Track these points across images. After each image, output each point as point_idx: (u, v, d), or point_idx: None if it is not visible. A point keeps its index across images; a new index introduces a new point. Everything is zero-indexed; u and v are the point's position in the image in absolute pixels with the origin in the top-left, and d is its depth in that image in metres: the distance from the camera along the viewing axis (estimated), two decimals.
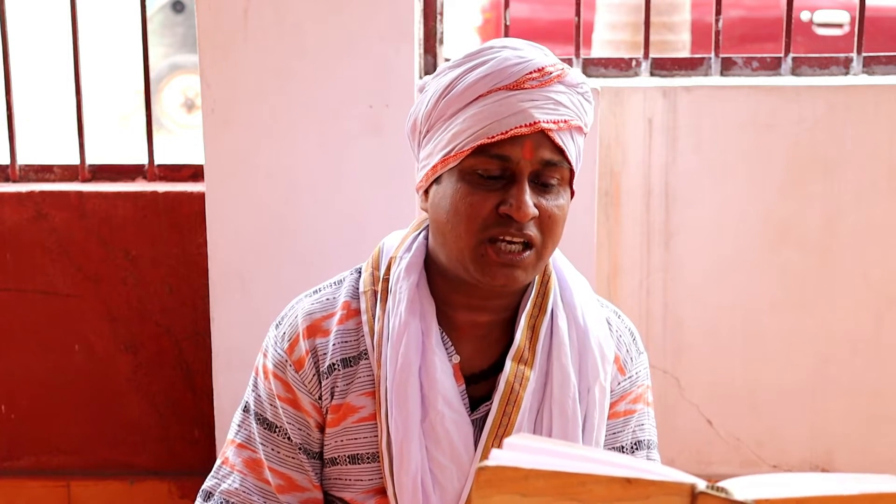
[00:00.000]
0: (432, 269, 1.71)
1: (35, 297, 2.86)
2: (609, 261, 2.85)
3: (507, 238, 1.59)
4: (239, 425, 1.78)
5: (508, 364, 1.67)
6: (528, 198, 1.58)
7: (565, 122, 1.61)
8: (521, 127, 1.58)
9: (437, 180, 1.65)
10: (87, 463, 2.92)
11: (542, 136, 1.60)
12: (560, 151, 1.61)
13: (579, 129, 1.64)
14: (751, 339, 2.88)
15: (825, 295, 2.86)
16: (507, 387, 1.66)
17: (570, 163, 1.63)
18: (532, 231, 1.60)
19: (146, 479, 2.92)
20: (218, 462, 1.79)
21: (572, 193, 1.67)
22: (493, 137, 1.58)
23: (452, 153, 1.61)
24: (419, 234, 1.74)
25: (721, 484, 1.07)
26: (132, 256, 2.83)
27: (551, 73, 1.62)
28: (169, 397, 2.89)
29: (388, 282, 1.70)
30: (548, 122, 1.59)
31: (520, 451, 1.09)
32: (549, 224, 1.61)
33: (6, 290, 2.86)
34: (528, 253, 1.61)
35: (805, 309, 2.86)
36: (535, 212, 1.59)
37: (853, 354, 2.88)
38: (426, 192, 1.68)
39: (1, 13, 2.80)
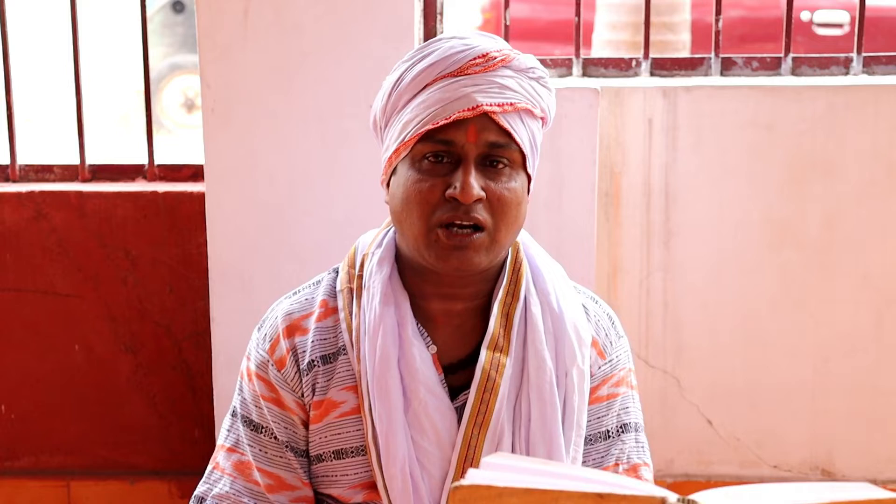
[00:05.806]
0: (402, 262, 1.73)
1: (35, 297, 2.86)
2: (609, 261, 2.85)
3: (457, 221, 1.61)
4: (227, 430, 1.80)
5: (483, 352, 1.69)
6: (473, 180, 1.60)
7: (511, 104, 1.63)
8: (464, 111, 1.61)
9: (394, 171, 1.69)
10: (87, 463, 2.92)
11: (487, 119, 1.62)
12: (507, 134, 1.62)
13: (528, 111, 1.65)
14: (751, 339, 2.88)
15: (825, 295, 2.86)
16: (484, 375, 1.68)
17: (518, 145, 1.64)
18: (481, 214, 1.62)
19: (146, 479, 2.92)
20: (209, 467, 1.81)
21: (529, 178, 1.68)
22: (437, 123, 1.61)
23: (403, 141, 1.64)
24: (389, 230, 1.77)
25: (692, 497, 1.08)
26: (132, 256, 2.83)
27: (496, 58, 1.64)
28: (169, 397, 2.89)
29: (362, 278, 1.73)
30: (491, 105, 1.61)
31: (494, 469, 1.11)
32: (498, 207, 1.63)
33: (6, 290, 2.86)
34: (478, 235, 1.62)
35: (805, 309, 2.86)
36: (481, 193, 1.61)
37: (853, 354, 2.88)
38: (388, 185, 1.71)
39: (1, 13, 2.80)
